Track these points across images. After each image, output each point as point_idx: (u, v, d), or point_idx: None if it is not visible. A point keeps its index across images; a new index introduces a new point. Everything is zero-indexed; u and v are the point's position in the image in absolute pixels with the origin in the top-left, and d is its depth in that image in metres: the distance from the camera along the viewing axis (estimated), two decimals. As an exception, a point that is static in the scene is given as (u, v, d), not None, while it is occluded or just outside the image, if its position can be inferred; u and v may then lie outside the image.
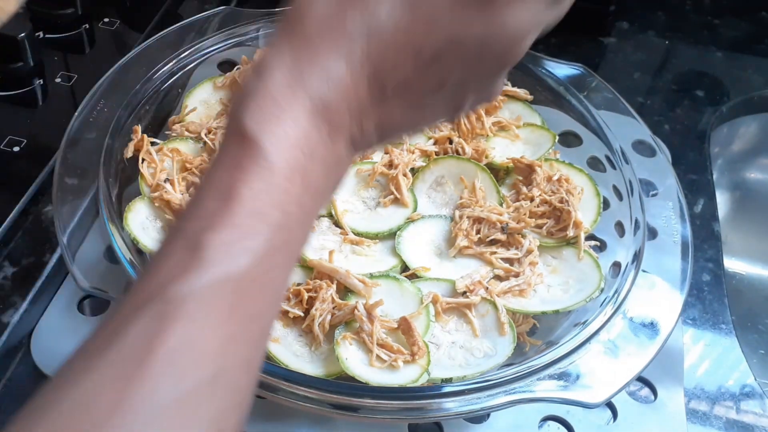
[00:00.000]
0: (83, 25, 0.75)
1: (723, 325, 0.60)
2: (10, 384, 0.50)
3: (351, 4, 0.29)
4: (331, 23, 0.30)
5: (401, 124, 0.33)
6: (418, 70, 0.31)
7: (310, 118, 0.29)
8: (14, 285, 0.54)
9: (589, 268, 0.55)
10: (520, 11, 0.31)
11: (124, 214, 0.54)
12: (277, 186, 0.28)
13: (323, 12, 0.30)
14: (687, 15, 0.92)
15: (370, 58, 0.30)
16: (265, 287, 0.29)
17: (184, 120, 0.62)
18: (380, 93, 0.31)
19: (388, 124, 0.32)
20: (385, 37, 0.30)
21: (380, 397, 0.44)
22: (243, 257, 0.27)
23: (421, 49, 0.30)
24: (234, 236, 0.27)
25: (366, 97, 0.30)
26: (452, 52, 0.31)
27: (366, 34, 0.29)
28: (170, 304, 0.26)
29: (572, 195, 0.58)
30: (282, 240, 0.29)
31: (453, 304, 0.52)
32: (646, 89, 0.81)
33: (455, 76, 0.32)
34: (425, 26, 0.30)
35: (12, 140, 0.62)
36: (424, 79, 0.31)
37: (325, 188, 0.31)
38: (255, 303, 0.28)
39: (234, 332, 0.27)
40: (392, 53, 0.30)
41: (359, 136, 0.32)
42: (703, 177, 0.72)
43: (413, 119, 0.34)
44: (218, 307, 0.27)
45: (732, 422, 0.54)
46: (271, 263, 0.29)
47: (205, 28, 0.68)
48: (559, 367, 0.46)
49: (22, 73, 0.69)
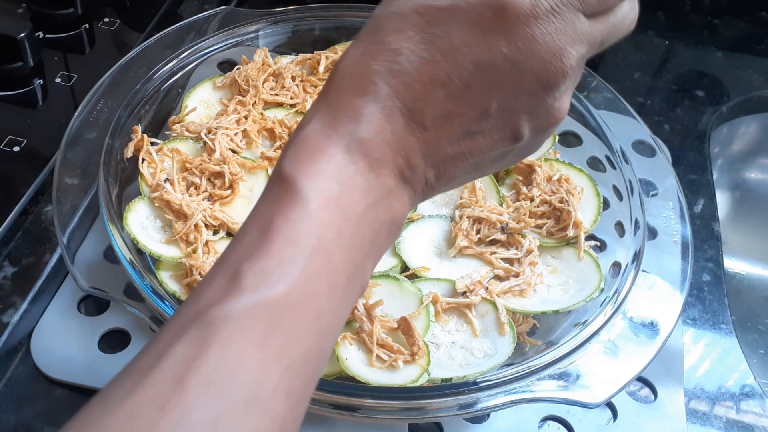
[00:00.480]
0: (83, 25, 0.75)
1: (723, 325, 0.60)
2: (10, 384, 0.50)
3: (374, 51, 0.32)
4: (358, 71, 0.32)
5: (456, 157, 0.33)
6: (454, 100, 0.32)
7: (345, 153, 0.31)
8: (14, 285, 0.54)
9: (589, 268, 0.55)
10: (546, 26, 0.31)
11: (124, 214, 0.54)
12: (311, 215, 0.30)
13: (351, 64, 0.32)
14: (687, 15, 0.92)
15: (399, 94, 0.31)
16: (305, 313, 0.29)
17: (184, 120, 0.62)
18: (418, 125, 0.32)
19: (440, 157, 0.33)
20: (410, 74, 0.31)
21: (380, 397, 0.44)
22: (279, 283, 0.29)
23: (450, 80, 0.31)
24: (270, 263, 0.29)
25: (403, 131, 0.32)
26: (483, 77, 0.31)
27: (390, 74, 0.31)
28: (208, 329, 0.28)
29: (572, 195, 0.58)
30: (321, 266, 0.30)
31: (453, 304, 0.52)
32: (646, 89, 0.81)
33: (496, 100, 0.32)
34: (447, 57, 0.31)
35: (12, 140, 0.62)
36: (463, 107, 0.32)
37: (372, 218, 0.32)
38: (293, 328, 0.29)
39: (270, 357, 0.28)
40: (419, 87, 0.31)
41: (408, 170, 0.33)
42: (703, 177, 0.72)
43: (468, 150, 0.33)
44: (254, 331, 0.28)
45: (732, 422, 0.54)
46: (310, 289, 0.30)
47: (205, 28, 0.68)
48: (559, 367, 0.46)
49: (22, 73, 0.69)
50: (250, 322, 0.28)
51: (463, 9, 0.31)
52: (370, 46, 0.32)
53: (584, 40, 0.32)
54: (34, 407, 0.49)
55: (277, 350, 0.28)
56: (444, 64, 0.31)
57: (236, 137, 0.60)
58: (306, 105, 0.64)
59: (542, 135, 0.35)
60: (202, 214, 0.54)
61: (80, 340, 0.52)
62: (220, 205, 0.56)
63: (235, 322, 0.28)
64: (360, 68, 0.32)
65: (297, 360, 0.29)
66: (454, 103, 0.32)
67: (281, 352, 0.28)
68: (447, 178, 0.34)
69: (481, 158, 0.34)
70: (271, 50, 0.69)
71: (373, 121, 0.31)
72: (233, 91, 0.65)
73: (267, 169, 0.58)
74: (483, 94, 0.32)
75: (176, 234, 0.53)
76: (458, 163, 0.34)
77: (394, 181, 0.32)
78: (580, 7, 0.32)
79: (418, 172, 0.33)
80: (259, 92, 0.63)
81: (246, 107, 0.62)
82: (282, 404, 0.28)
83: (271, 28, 0.69)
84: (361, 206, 0.31)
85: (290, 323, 0.29)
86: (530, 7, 0.31)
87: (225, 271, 0.30)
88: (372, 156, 0.31)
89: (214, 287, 0.29)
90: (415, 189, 0.34)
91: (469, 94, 0.32)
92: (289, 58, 0.69)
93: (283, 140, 0.61)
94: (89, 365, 0.50)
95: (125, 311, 0.50)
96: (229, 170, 0.57)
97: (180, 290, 0.51)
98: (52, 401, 0.49)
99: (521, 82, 0.32)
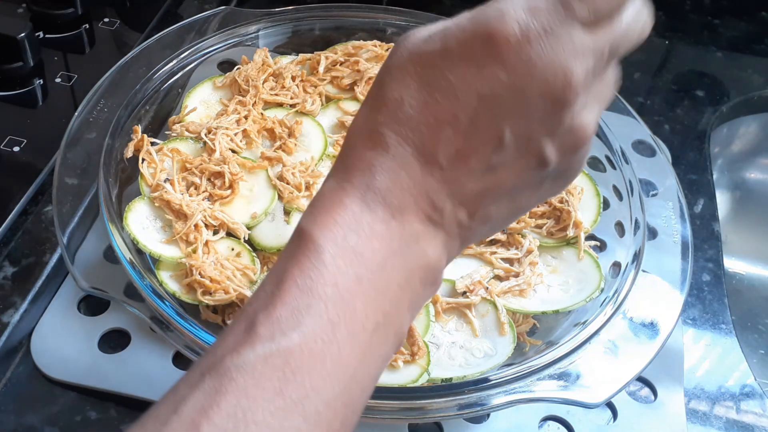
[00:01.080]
0: (83, 25, 0.75)
1: (723, 325, 0.60)
2: (10, 384, 0.50)
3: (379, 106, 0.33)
4: (366, 127, 0.33)
5: (484, 193, 0.33)
6: (464, 136, 0.32)
7: (361, 203, 0.32)
8: (14, 285, 0.54)
9: (589, 268, 0.55)
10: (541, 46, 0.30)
11: (124, 214, 0.54)
12: (326, 263, 0.30)
13: (360, 122, 0.34)
14: (687, 15, 0.92)
15: (408, 140, 0.32)
16: (323, 362, 0.29)
17: (184, 120, 0.62)
18: (434, 167, 0.32)
19: (467, 195, 0.33)
20: (414, 119, 0.32)
21: (380, 397, 0.44)
22: (293, 332, 0.29)
23: (456, 117, 0.31)
24: (284, 313, 0.29)
25: (420, 175, 0.32)
26: (488, 108, 0.31)
27: (396, 123, 0.32)
28: (223, 378, 0.28)
29: (572, 195, 0.58)
30: (339, 314, 0.30)
31: (453, 304, 0.52)
32: (646, 89, 0.81)
33: (508, 129, 0.32)
34: (448, 96, 0.31)
35: (12, 140, 0.62)
36: (474, 142, 0.32)
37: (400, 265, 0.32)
38: (311, 377, 0.29)
39: (287, 406, 0.28)
40: (426, 130, 0.32)
41: (435, 212, 0.33)
42: (703, 177, 0.72)
43: (494, 183, 0.33)
44: (269, 380, 0.28)
45: (732, 422, 0.54)
46: (328, 337, 0.29)
47: (205, 28, 0.68)
48: (559, 367, 0.46)
49: (22, 73, 0.69)
50: (265, 371, 0.28)
51: (454, 48, 0.31)
52: (374, 102, 0.33)
53: (586, 52, 0.32)
54: (34, 407, 0.49)
55: (294, 400, 0.28)
56: (446, 104, 0.31)
57: (236, 137, 0.60)
58: (306, 105, 0.64)
59: (573, 155, 0.34)
60: (202, 214, 0.54)
61: (80, 340, 0.52)
62: (220, 205, 0.56)
63: (249, 371, 0.28)
64: (368, 124, 0.33)
65: (318, 411, 0.28)
66: (465, 139, 0.32)
67: (300, 401, 0.28)
68: (482, 216, 0.34)
69: (513, 191, 0.34)
70: (271, 50, 0.69)
71: (387, 169, 0.32)
72: (233, 91, 0.65)
73: (267, 169, 0.58)
74: (492, 126, 0.32)
75: (176, 234, 0.53)
76: (488, 199, 0.33)
77: (422, 225, 0.32)
78: (573, 21, 0.31)
79: (446, 214, 0.33)
80: (259, 92, 0.63)
81: (246, 107, 0.62)
82: None
83: (271, 28, 0.69)
84: (383, 253, 0.31)
85: (308, 373, 0.29)
86: (520, 30, 0.30)
87: (242, 322, 0.30)
88: (391, 203, 0.32)
89: (231, 338, 0.29)
90: (449, 232, 0.33)
91: (477, 128, 0.32)
92: (289, 58, 0.69)
93: (283, 140, 0.61)
94: (89, 365, 0.50)
95: (125, 311, 0.50)
96: (229, 170, 0.57)
97: (180, 290, 0.51)
98: (52, 401, 0.49)
99: (529, 106, 0.31)
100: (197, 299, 0.50)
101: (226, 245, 0.54)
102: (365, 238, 0.31)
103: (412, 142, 0.32)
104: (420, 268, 0.33)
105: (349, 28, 0.71)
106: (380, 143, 0.32)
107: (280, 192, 0.57)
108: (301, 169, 0.58)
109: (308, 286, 0.30)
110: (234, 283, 0.50)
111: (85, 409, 0.49)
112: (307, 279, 0.30)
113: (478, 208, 0.34)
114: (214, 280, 0.50)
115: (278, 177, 0.58)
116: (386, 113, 0.32)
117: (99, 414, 0.49)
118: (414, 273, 0.32)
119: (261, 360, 0.28)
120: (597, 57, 0.32)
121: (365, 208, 0.31)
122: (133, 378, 0.50)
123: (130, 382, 0.49)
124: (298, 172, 0.58)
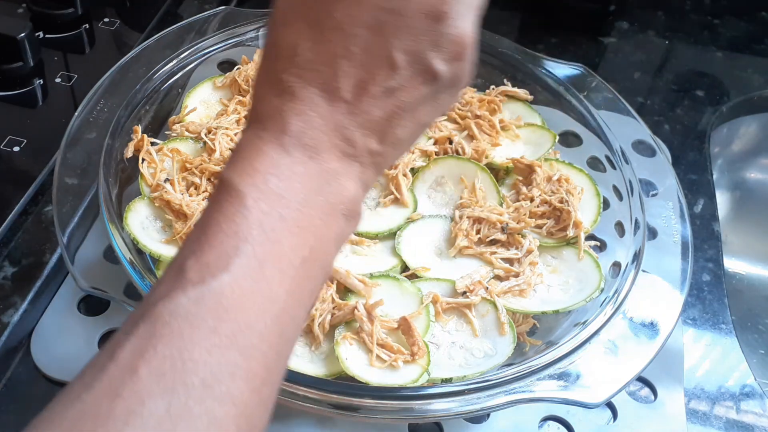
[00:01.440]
0: (83, 25, 0.75)
1: (723, 325, 0.60)
2: (10, 384, 0.50)
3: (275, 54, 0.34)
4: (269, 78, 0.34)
5: (389, 116, 0.34)
6: (360, 66, 0.33)
7: (278, 148, 0.32)
8: (14, 285, 0.54)
9: (589, 268, 0.55)
10: None
11: (124, 214, 0.54)
12: (249, 208, 0.31)
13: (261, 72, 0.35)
14: (687, 15, 0.92)
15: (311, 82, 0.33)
16: (254, 299, 0.30)
17: (184, 120, 0.62)
18: (340, 101, 0.33)
19: (374, 123, 0.34)
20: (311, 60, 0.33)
21: (380, 397, 0.44)
22: (223, 274, 0.30)
23: (348, 50, 0.33)
24: (212, 256, 0.30)
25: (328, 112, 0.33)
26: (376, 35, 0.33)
27: (295, 67, 0.33)
28: (156, 323, 0.29)
29: (572, 195, 0.58)
30: (266, 252, 0.31)
31: (453, 304, 0.52)
32: (646, 89, 0.81)
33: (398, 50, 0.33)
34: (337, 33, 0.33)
35: (12, 140, 0.62)
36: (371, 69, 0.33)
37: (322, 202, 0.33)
38: (244, 314, 0.29)
39: (222, 343, 0.29)
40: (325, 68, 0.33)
41: (348, 146, 0.34)
42: (703, 177, 0.72)
43: (396, 105, 0.34)
44: (203, 321, 0.29)
45: (732, 422, 0.54)
46: (258, 275, 0.30)
47: (205, 28, 0.68)
48: (559, 367, 0.46)
49: (22, 73, 0.69)
50: (198, 313, 0.29)
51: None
52: (271, 51, 0.34)
53: None
54: (34, 407, 0.49)
55: (229, 336, 0.29)
56: (337, 40, 0.33)
57: (236, 137, 0.60)
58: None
59: (459, 62, 0.35)
60: (202, 214, 0.54)
61: (80, 340, 0.52)
62: (220, 205, 0.56)
63: (182, 314, 0.28)
64: (270, 74, 0.34)
65: (252, 344, 0.29)
66: (362, 70, 0.33)
67: (234, 337, 0.29)
68: (392, 139, 0.35)
69: (414, 109, 0.35)
70: (271, 50, 0.69)
71: (297, 113, 0.33)
72: (233, 91, 0.65)
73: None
74: (383, 50, 0.33)
75: (176, 234, 0.53)
76: (394, 121, 0.34)
77: (338, 162, 0.33)
78: None
79: (358, 146, 0.34)
80: (259, 92, 0.63)
81: (246, 107, 0.62)
82: (242, 388, 0.29)
83: (271, 28, 0.69)
84: (304, 192, 0.32)
85: (239, 310, 0.29)
86: None
87: (172, 269, 0.31)
88: (306, 144, 0.33)
89: (162, 286, 0.30)
90: (362, 162, 0.34)
91: (370, 55, 0.33)
92: (289, 58, 0.69)
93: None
94: (89, 365, 0.50)
95: (125, 311, 0.50)
96: (229, 170, 0.57)
97: (180, 290, 0.51)
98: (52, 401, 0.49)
99: (411, 24, 0.32)
100: (197, 299, 0.50)
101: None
102: (285, 180, 0.32)
103: (314, 82, 0.33)
104: (340, 202, 0.34)
105: (349, 28, 0.70)
106: (285, 90, 0.33)
107: (280, 192, 0.57)
108: (301, 169, 0.58)
109: (233, 230, 0.31)
110: (234, 283, 0.50)
111: (85, 409, 0.49)
112: (232, 223, 0.31)
113: (387, 132, 0.35)
114: (214, 280, 0.50)
115: (278, 177, 0.58)
116: (284, 60, 0.33)
117: (99, 414, 0.49)
118: (335, 207, 0.33)
119: (193, 302, 0.29)
120: None
121: (282, 153, 0.32)
122: (133, 378, 0.50)
123: (130, 382, 0.49)
124: (298, 172, 0.58)
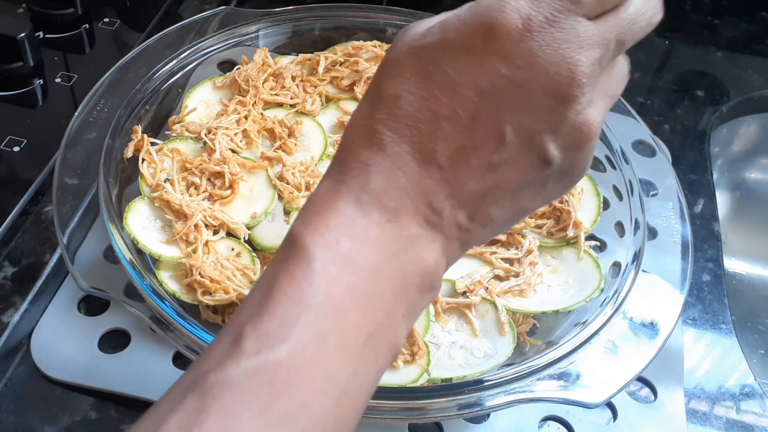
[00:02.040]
0: (83, 25, 0.75)
1: (723, 325, 0.60)
2: (10, 384, 0.50)
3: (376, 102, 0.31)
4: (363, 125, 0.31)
5: (485, 193, 0.31)
6: (463, 133, 0.30)
7: (355, 206, 0.30)
8: (14, 285, 0.54)
9: (589, 268, 0.55)
10: (543, 38, 0.29)
11: (124, 214, 0.54)
12: (316, 271, 0.28)
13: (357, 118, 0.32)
14: (687, 15, 0.92)
15: (405, 138, 0.30)
16: (311, 376, 0.27)
17: (184, 120, 0.62)
18: (433, 166, 0.30)
19: (466, 196, 0.31)
20: (411, 115, 0.30)
21: (380, 397, 0.44)
22: (281, 345, 0.27)
23: (455, 113, 0.30)
24: (272, 325, 0.28)
25: (417, 175, 0.30)
26: (489, 103, 0.30)
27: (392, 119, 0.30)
28: (206, 396, 0.26)
29: (572, 195, 0.58)
30: (329, 324, 0.28)
31: (453, 304, 0.52)
32: (646, 89, 0.81)
33: (510, 125, 0.30)
34: (446, 91, 0.30)
35: (12, 140, 0.62)
36: (475, 139, 0.30)
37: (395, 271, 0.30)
38: (300, 394, 0.27)
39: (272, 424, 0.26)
40: (424, 127, 0.30)
41: (434, 215, 0.31)
42: (703, 177, 0.72)
43: (495, 183, 0.31)
44: (255, 397, 0.26)
45: (732, 422, 0.54)
46: (317, 349, 0.28)
47: (205, 28, 0.68)
48: (559, 367, 0.46)
49: (22, 73, 0.69)
50: (251, 388, 0.26)
51: (453, 39, 0.30)
52: (372, 98, 0.32)
53: (592, 44, 0.30)
54: (34, 407, 0.49)
55: (281, 418, 0.26)
56: (444, 99, 0.30)
57: (236, 137, 0.60)
58: (306, 105, 0.64)
59: (577, 153, 0.32)
60: (202, 214, 0.54)
61: (80, 340, 0.52)
62: (220, 205, 0.56)
63: (234, 387, 0.26)
64: (365, 121, 0.31)
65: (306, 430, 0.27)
66: (465, 137, 0.30)
67: (287, 420, 0.26)
68: (483, 218, 0.32)
69: (515, 191, 0.32)
70: (271, 50, 0.69)
71: (383, 169, 0.30)
72: (233, 91, 0.65)
73: (267, 169, 0.58)
74: (493, 122, 0.30)
75: (176, 234, 0.53)
76: (489, 200, 0.32)
77: (419, 229, 0.31)
78: (578, 10, 0.30)
79: (445, 216, 0.31)
80: (259, 92, 0.63)
81: (246, 107, 0.62)
82: None
83: (271, 28, 0.69)
84: (377, 258, 0.29)
85: (295, 388, 0.27)
86: (522, 22, 0.29)
87: (228, 334, 0.28)
88: (387, 206, 0.30)
89: (216, 352, 0.28)
90: (448, 235, 0.32)
91: (477, 124, 0.30)
92: (289, 58, 0.69)
93: (283, 140, 0.61)
94: (89, 365, 0.50)
95: (125, 311, 0.50)
96: (229, 170, 0.57)
97: (180, 290, 0.51)
98: (52, 401, 0.49)
99: (531, 101, 0.30)
100: (197, 299, 0.50)
101: (226, 245, 0.54)
102: (359, 243, 0.29)
103: (409, 139, 0.30)
104: (417, 274, 0.31)
105: (349, 29, 0.71)
106: (377, 141, 0.30)
107: (280, 192, 0.57)
108: (301, 169, 0.58)
109: (298, 296, 0.28)
110: (234, 283, 0.50)
111: (85, 409, 0.49)
112: (297, 288, 0.28)
113: (479, 209, 0.32)
114: (214, 280, 0.50)
115: (278, 177, 0.58)
116: (383, 110, 0.31)
117: (99, 414, 0.49)
118: (410, 279, 0.31)
119: (246, 376, 0.27)
120: (603, 48, 0.31)
121: (359, 211, 0.30)
122: (133, 378, 0.50)
123: (130, 382, 0.49)
124: (298, 172, 0.58)
